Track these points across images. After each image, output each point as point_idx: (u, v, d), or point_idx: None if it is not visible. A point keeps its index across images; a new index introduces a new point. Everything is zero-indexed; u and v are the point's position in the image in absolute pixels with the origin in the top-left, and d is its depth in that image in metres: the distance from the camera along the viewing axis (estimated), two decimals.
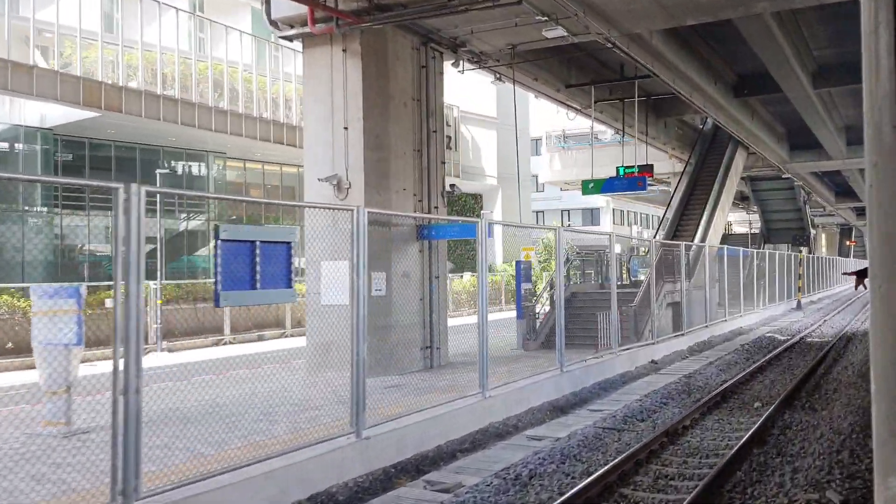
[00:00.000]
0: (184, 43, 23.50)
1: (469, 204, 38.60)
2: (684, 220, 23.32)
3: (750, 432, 8.14)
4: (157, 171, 18.71)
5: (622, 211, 55.91)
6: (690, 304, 18.63)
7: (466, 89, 37.49)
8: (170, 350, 17.82)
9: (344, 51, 11.62)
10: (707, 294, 18.50)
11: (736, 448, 7.49)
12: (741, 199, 45.03)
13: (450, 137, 35.61)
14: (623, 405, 9.95)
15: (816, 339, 18.84)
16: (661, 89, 18.84)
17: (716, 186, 23.92)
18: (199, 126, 22.25)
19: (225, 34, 24.31)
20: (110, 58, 20.68)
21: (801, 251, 34.81)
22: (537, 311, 15.67)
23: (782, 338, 19.09)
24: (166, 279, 22.06)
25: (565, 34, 11.63)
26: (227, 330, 19.63)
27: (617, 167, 18.00)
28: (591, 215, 53.78)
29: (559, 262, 10.83)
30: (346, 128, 11.57)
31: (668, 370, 13.29)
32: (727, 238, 46.99)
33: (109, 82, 20.06)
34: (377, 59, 11.82)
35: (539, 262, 33.97)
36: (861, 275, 7.03)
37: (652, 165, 18.29)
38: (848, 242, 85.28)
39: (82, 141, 23.09)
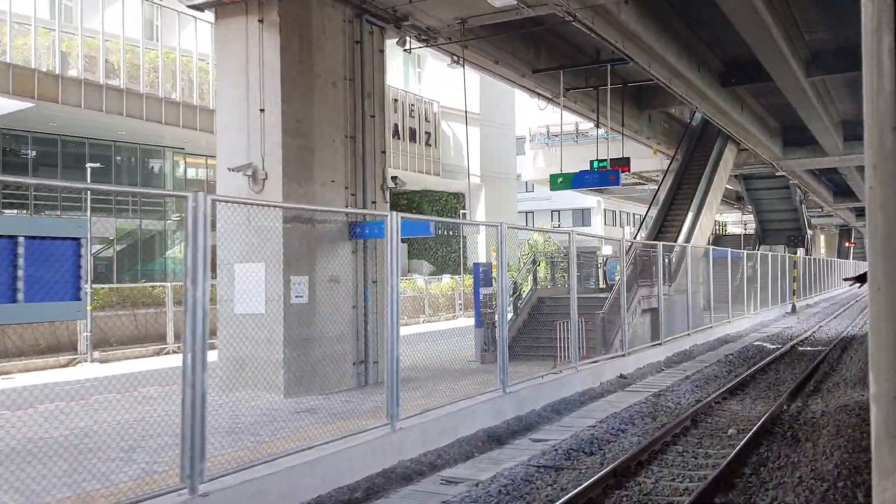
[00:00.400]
0: (135, 30, 22.04)
1: (451, 203, 37.13)
2: (669, 220, 21.84)
3: (717, 472, 6.67)
4: (88, 164, 17.20)
5: (614, 211, 54.43)
6: (672, 309, 17.15)
7: (448, 84, 36.11)
8: (102, 361, 16.35)
9: (260, 21, 10.14)
10: (689, 299, 17.03)
11: (694, 495, 6.03)
12: (736, 200, 43.60)
13: (429, 133, 34.16)
14: (572, 433, 8.46)
15: (809, 348, 17.36)
16: (639, 76, 17.38)
17: (703, 183, 22.44)
18: (146, 118, 20.77)
19: (178, 20, 22.82)
20: (47, 44, 19.21)
21: (795, 252, 33.35)
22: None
23: (772, 346, 17.61)
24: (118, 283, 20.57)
25: (515, 3, 10.15)
26: (170, 338, 18.13)
27: (591, 161, 16.51)
28: (582, 216, 52.30)
29: (502, 264, 9.34)
30: (262, 110, 10.09)
31: (638, 386, 11.80)
32: (721, 239, 45.52)
33: (44, 70, 18.58)
34: (300, 33, 10.33)
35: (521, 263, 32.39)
36: (861, 279, 6.84)
37: (627, 159, 16.78)
38: (847, 244, 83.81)
39: (24, 135, 21.61)
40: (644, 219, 23.47)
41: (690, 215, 21.41)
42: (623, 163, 15.80)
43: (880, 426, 1.57)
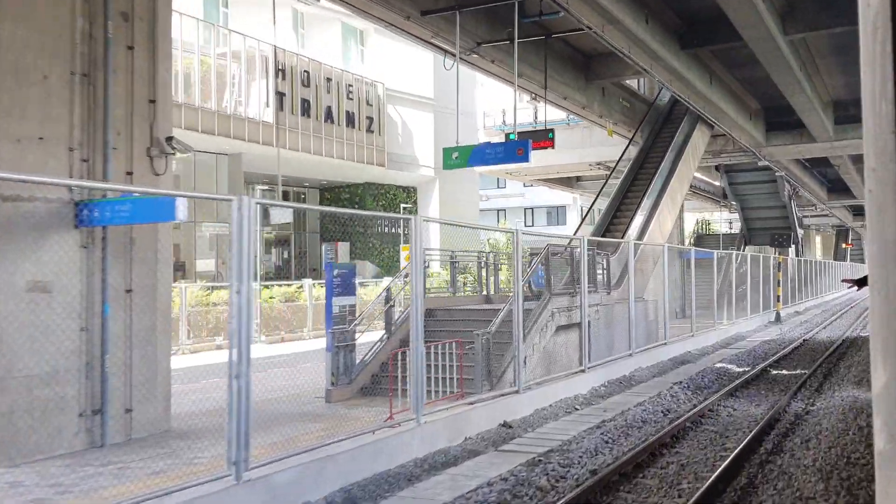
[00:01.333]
0: None
1: (399, 197, 33.54)
2: (621, 213, 18.31)
3: None
4: None
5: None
6: (611, 324, 13.62)
7: (397, 64, 32.58)
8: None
9: None
10: (632, 311, 13.48)
11: None
12: (723, 197, 40.01)
13: (371, 119, 30.59)
14: None
15: (784, 372, 13.85)
16: (566, 25, 13.83)
17: (664, 171, 18.91)
18: None
19: None
20: None
21: (779, 253, 29.89)
22: (358, 338, 10.59)
23: (737, 370, 14.08)
24: None
25: None
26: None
27: (507, 133, 12.99)
28: (557, 213, 48.76)
29: (415, 266, 5.77)
30: None
31: (522, 442, 8.24)
32: (703, 239, 42.00)
33: None
34: None
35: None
36: (861, 282, 6.40)
37: (550, 131, 13.26)
38: (844, 245, 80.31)
39: None
40: (587, 213, 19.99)
41: (646, 207, 17.88)
42: (540, 136, 12.29)
43: (880, 434, 1.48)
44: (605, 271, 13.90)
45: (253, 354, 5.80)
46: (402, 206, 31.13)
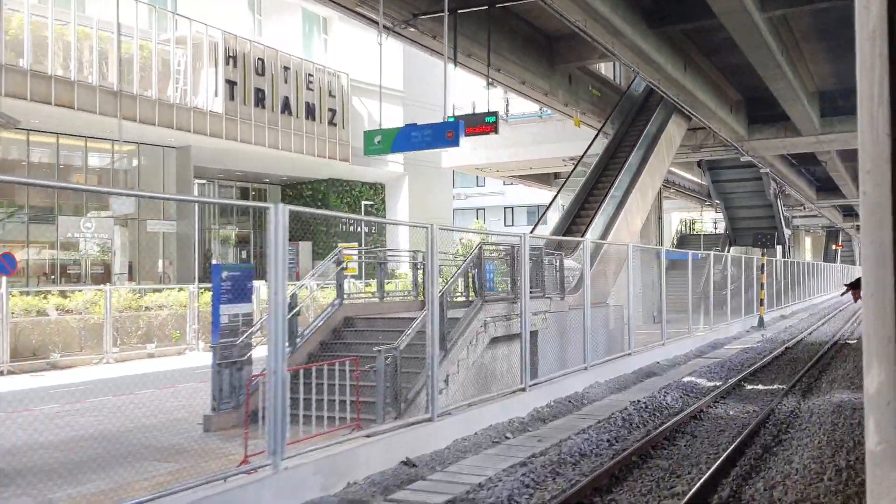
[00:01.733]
0: None
1: (366, 194, 31.93)
2: (587, 210, 16.78)
3: None
4: None
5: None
6: (564, 333, 12.11)
7: (362, 54, 30.98)
8: None
9: None
10: (587, 318, 11.93)
11: None
12: (708, 196, 38.56)
13: (333, 111, 28.99)
14: None
15: (760, 387, 12.36)
16: None
17: (633, 164, 17.39)
18: None
19: None
20: None
21: (763, 254, 28.47)
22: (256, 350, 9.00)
23: (708, 384, 12.57)
24: None
25: None
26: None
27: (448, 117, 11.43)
28: (538, 212, 47.20)
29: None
30: None
31: (419, 487, 6.66)
32: (686, 239, 40.61)
33: None
34: None
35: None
36: (856, 286, 6.72)
37: (493, 114, 11.71)
38: (834, 246, 79.16)
39: None
40: (544, 212, 18.53)
41: (611, 204, 16.37)
42: (478, 121, 10.73)
43: (872, 437, 1.52)
44: (557, 273, 12.36)
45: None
46: (365, 203, 29.56)
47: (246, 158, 26.35)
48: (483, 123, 11.39)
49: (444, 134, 10.25)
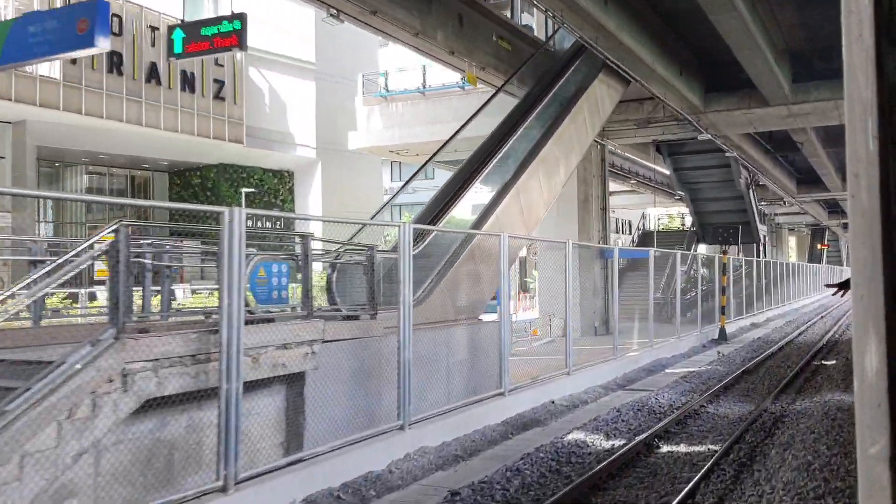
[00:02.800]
0: None
1: (268, 183, 27.55)
2: (466, 189, 12.49)
3: None
4: None
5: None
6: (372, 373, 7.86)
7: (267, 20, 26.69)
8: None
9: None
10: (405, 349, 7.64)
11: None
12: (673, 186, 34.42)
13: (221, 83, 24.62)
14: None
15: (681, 449, 8.14)
16: None
17: (533, 128, 13.15)
18: None
19: None
20: None
21: (725, 252, 24.40)
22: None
23: (604, 444, 8.34)
24: None
25: None
26: None
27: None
28: None
29: None
30: None
31: None
32: (649, 237, 36.47)
33: None
34: None
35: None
36: (844, 286, 6.43)
37: (239, 17, 7.43)
38: (819, 246, 75.41)
39: None
40: (395, 194, 14.39)
41: (494, 181, 12.15)
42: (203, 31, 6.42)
43: (865, 440, 1.55)
44: (369, 276, 8.11)
45: None
46: (247, 190, 25.18)
47: (111, 138, 21.95)
48: (219, 34, 7.12)
49: (75, 26, 5.95)
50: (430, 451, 7.78)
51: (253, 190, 25.54)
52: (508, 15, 18.19)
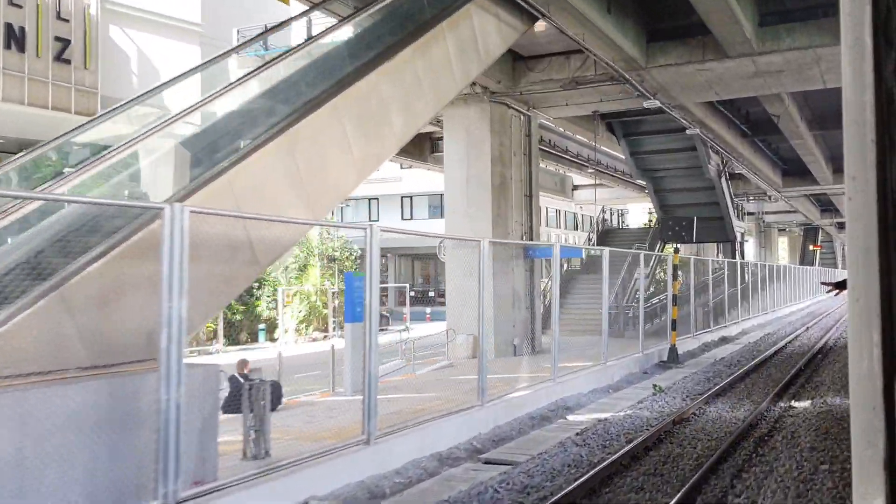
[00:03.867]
0: None
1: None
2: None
3: None
4: None
5: None
6: None
7: None
8: None
9: None
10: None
11: None
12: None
13: (66, 42, 20.16)
14: None
15: None
16: None
17: (340, 52, 8.80)
18: None
19: None
20: None
21: (676, 251, 20.14)
22: None
23: None
24: None
25: None
26: None
27: None
28: (441, 203, 38.57)
29: None
30: None
31: None
32: (611, 234, 32.12)
33: None
34: None
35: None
36: (841, 286, 6.41)
37: None
38: (812, 247, 71.18)
39: None
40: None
41: (257, 127, 7.75)
42: None
43: (860, 441, 1.58)
44: None
45: None
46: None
47: None
48: None
49: None
50: None
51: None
52: None
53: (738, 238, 29.21)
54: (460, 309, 16.64)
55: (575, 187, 40.25)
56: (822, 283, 8.73)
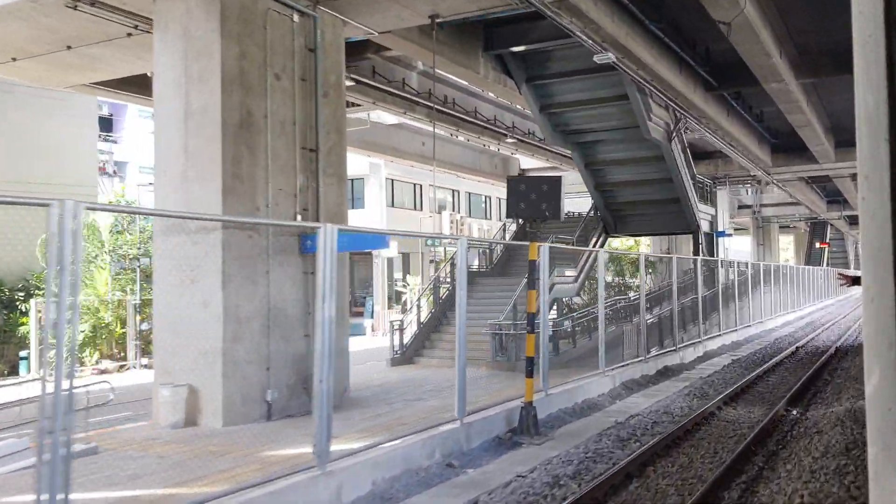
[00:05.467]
0: None
1: None
2: None
3: None
4: None
5: (417, 185, 33.68)
6: None
7: None
8: None
9: None
10: None
11: None
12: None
13: None
14: None
15: None
16: None
17: None
18: None
19: None
20: None
21: (532, 238, 13.45)
22: None
23: None
24: None
25: None
26: None
27: None
28: (353, 189, 31.77)
29: None
30: None
31: None
32: (538, 226, 25.26)
33: None
34: None
35: None
36: (857, 281, 6.22)
37: None
38: (819, 244, 63.98)
39: None
40: None
41: None
42: None
43: (875, 443, 1.57)
44: None
45: None
46: None
47: None
48: None
49: None
50: None
51: None
52: None
53: (707, 228, 22.36)
54: (172, 339, 9.96)
55: (523, 171, 33.44)
56: (839, 275, 7.95)
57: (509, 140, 21.74)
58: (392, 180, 31.72)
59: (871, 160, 1.59)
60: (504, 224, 23.05)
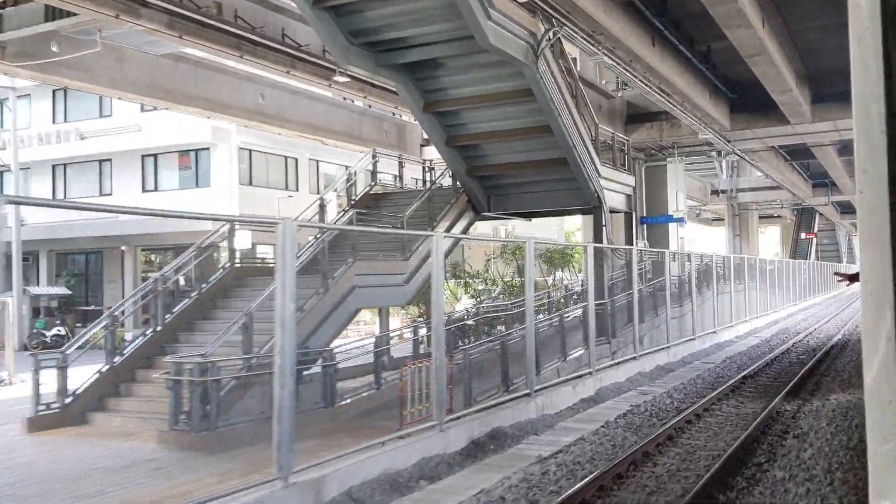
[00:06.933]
0: None
1: None
2: None
3: None
4: None
5: (283, 158, 26.99)
6: None
7: None
8: None
9: None
10: None
11: None
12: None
13: None
14: None
15: None
16: None
17: None
18: None
19: None
20: None
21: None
22: None
23: None
24: None
25: None
26: None
27: None
28: (197, 162, 25.18)
29: None
30: None
31: None
32: (380, 202, 18.57)
33: None
34: None
35: None
36: (854, 278, 6.30)
37: None
38: (805, 235, 57.79)
39: None
40: None
41: None
42: None
43: (875, 437, 1.58)
44: None
45: None
46: None
47: None
48: None
49: None
50: None
51: None
52: None
53: (620, 205, 16.00)
54: None
55: (426, 141, 27.08)
56: (835, 274, 6.67)
57: (339, 78, 15.34)
58: (250, 150, 25.17)
59: (869, 153, 1.60)
60: (340, 204, 16.59)
